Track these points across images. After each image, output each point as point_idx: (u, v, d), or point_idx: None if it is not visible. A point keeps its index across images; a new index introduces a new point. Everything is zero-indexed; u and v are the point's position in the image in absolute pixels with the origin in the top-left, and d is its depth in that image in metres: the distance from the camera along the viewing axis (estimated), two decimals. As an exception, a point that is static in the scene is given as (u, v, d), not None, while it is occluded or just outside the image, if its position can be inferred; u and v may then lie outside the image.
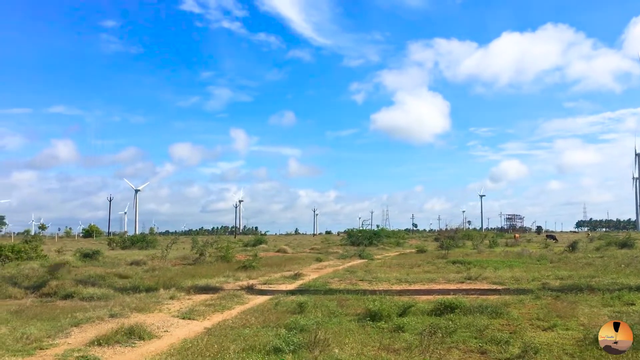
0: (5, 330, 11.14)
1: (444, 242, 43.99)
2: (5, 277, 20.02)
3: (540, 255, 33.31)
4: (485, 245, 50.58)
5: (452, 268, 25.98)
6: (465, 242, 55.38)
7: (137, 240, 63.94)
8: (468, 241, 57.22)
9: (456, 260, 29.30)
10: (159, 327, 11.88)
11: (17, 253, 29.50)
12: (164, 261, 30.61)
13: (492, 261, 28.76)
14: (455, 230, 55.86)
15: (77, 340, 10.48)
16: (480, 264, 26.65)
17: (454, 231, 53.70)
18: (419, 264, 28.94)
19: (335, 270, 27.40)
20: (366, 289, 17.53)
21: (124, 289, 18.48)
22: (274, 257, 36.90)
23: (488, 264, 26.54)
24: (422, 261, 31.01)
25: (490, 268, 24.45)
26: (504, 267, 25.48)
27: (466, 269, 24.33)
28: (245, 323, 11.97)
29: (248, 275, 23.74)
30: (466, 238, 60.08)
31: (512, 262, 28.05)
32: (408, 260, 32.61)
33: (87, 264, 28.07)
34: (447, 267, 26.55)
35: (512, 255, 34.78)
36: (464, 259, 30.01)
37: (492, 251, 42.89)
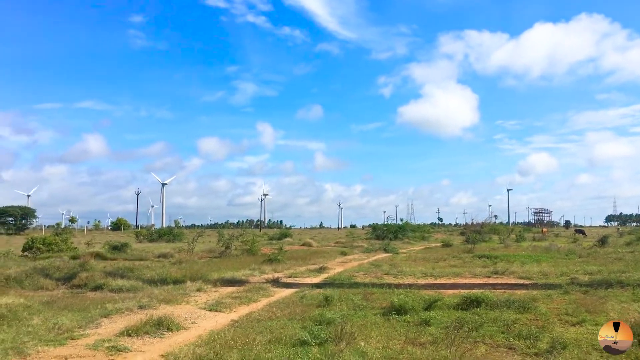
0: (38, 320, 11.41)
1: (470, 236, 43.58)
2: (37, 269, 20.45)
3: (569, 250, 32.81)
4: (512, 240, 50.03)
5: (479, 262, 25.78)
6: (491, 236, 54.81)
7: (164, 233, 64.78)
8: (494, 235, 56.64)
9: (482, 255, 29.03)
10: (186, 318, 12.04)
11: (48, 245, 30.20)
12: (191, 254, 30.98)
13: (519, 256, 28.46)
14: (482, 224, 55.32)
15: (107, 331, 10.69)
16: (507, 259, 26.38)
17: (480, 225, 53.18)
18: (445, 258, 28.78)
19: (360, 264, 27.40)
20: (391, 283, 17.51)
21: (151, 281, 18.77)
22: (299, 251, 37.03)
23: (515, 259, 26.27)
24: (447, 255, 30.81)
25: (518, 262, 24.22)
26: (532, 261, 25.20)
27: (493, 264, 24.13)
28: (272, 315, 12.06)
29: (273, 268, 23.89)
30: (492, 232, 59.46)
31: (540, 257, 27.70)
32: (433, 255, 32.45)
33: (116, 256, 28.57)
34: (473, 262, 26.35)
35: (540, 250, 34.37)
36: (490, 254, 29.72)
37: (519, 245, 42.39)
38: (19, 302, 12.69)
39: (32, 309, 12.50)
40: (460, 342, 9.09)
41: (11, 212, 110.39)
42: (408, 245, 49.11)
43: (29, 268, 20.49)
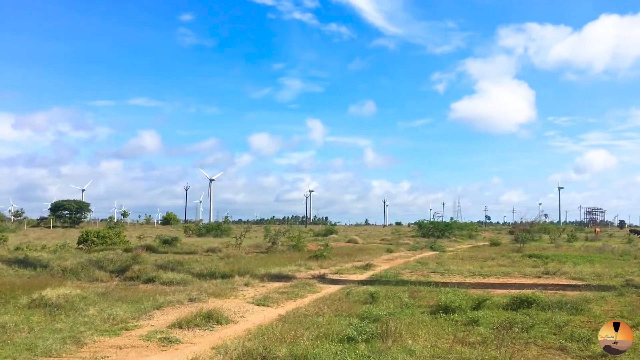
0: (94, 311, 11.82)
1: (519, 235, 42.68)
2: (92, 261, 21.17)
3: (624, 251, 31.72)
4: (564, 240, 48.78)
5: (528, 262, 25.25)
6: (541, 235, 53.56)
7: (212, 228, 65.92)
8: (545, 235, 55.35)
9: (532, 254, 28.43)
10: (235, 312, 12.25)
11: (102, 238, 31.22)
12: (238, 249, 31.48)
13: (571, 256, 27.70)
14: (531, 223, 53.97)
15: (159, 322, 10.99)
16: (558, 259, 25.75)
17: (529, 224, 51.90)
18: (493, 257, 28.30)
19: (407, 261, 27.25)
20: (438, 281, 17.33)
21: (200, 274, 19.17)
22: (344, 247, 37.10)
23: (567, 259, 25.60)
24: (496, 254, 30.30)
25: (569, 263, 23.60)
26: (584, 262, 24.51)
27: (543, 264, 23.61)
28: (318, 311, 12.14)
29: (319, 264, 24.01)
30: (543, 231, 58.08)
31: (593, 258, 26.89)
32: (481, 253, 31.96)
33: (167, 250, 29.29)
34: (523, 261, 25.84)
35: (593, 250, 33.37)
36: (540, 253, 29.08)
37: (571, 245, 41.30)
38: (75, 293, 13.16)
39: (88, 300, 12.96)
40: (511, 342, 8.94)
41: (67, 206, 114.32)
42: (455, 244, 48.56)
43: (85, 260, 21.22)
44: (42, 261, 21.16)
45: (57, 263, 20.15)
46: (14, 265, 19.86)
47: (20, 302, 12.47)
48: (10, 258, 21.86)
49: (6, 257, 22.09)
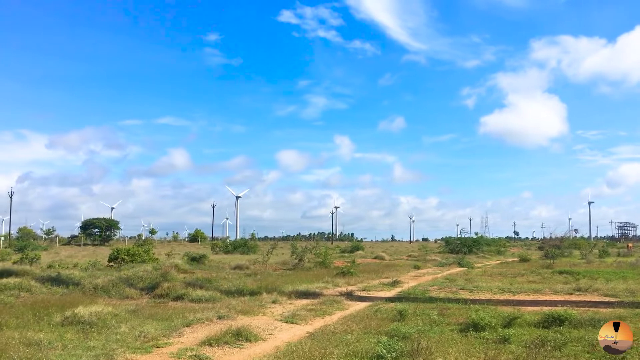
0: (125, 328, 11.99)
1: (549, 251, 41.94)
2: (122, 279, 21.46)
3: (658, 267, 30.93)
4: (595, 255, 47.69)
5: (559, 278, 24.81)
6: (572, 251, 52.47)
7: (239, 245, 66.15)
8: (575, 250, 54.22)
9: (563, 271, 27.90)
10: (263, 329, 12.31)
11: (132, 256, 31.61)
12: (265, 266, 31.57)
13: (603, 272, 27.10)
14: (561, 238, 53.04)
15: (189, 340, 11.10)
16: (590, 275, 25.22)
17: (559, 239, 51.03)
18: (523, 274, 27.86)
19: (434, 278, 27.02)
20: (467, 298, 17.16)
21: (229, 291, 19.29)
22: (371, 264, 36.95)
23: (599, 275, 25.06)
24: (525, 270, 29.81)
25: (602, 279, 23.10)
26: (617, 278, 23.95)
27: (574, 280, 23.16)
28: (347, 329, 12.12)
29: (346, 281, 23.95)
30: (573, 247, 56.92)
31: (626, 273, 26.26)
32: (510, 270, 31.48)
33: (194, 267, 29.54)
34: (554, 278, 25.39)
35: (626, 266, 32.59)
36: (571, 269, 28.51)
37: (603, 261, 40.40)
38: (107, 310, 13.37)
39: (119, 317, 13.15)
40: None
41: (97, 224, 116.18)
42: (483, 260, 47.96)
43: (115, 278, 21.52)
44: (74, 279, 21.53)
45: (89, 281, 20.51)
46: (47, 283, 20.24)
47: (53, 319, 12.72)
48: (44, 276, 22.26)
49: (39, 275, 22.51)
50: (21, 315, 12.97)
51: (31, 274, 23.02)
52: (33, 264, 30.29)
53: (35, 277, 21.33)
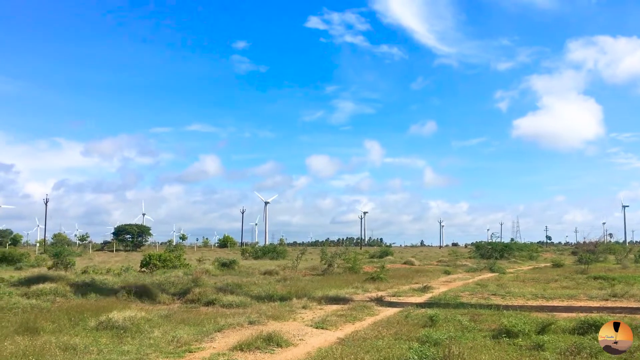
0: (158, 333, 12.16)
1: (583, 256, 41.07)
2: (154, 284, 21.76)
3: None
4: (631, 260, 46.57)
5: (594, 284, 24.31)
6: (606, 256, 51.30)
7: (268, 251, 66.56)
8: (610, 255, 53.01)
9: (598, 276, 27.35)
10: (294, 335, 12.33)
11: (164, 262, 32.07)
12: (295, 271, 31.66)
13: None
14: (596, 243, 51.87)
15: (221, 345, 11.19)
16: (626, 280, 24.67)
17: (594, 244, 49.89)
18: (556, 279, 27.41)
19: (465, 283, 26.73)
20: (499, 304, 16.93)
21: (259, 297, 19.38)
22: (401, 269, 36.74)
23: (635, 280, 24.50)
24: (559, 276, 29.32)
25: (638, 285, 22.54)
26: (655, 284, 23.35)
27: (610, 286, 22.67)
28: (378, 335, 12.07)
29: (376, 286, 23.87)
30: (608, 252, 55.64)
31: (664, 279, 25.61)
32: (543, 275, 30.99)
33: (225, 273, 29.79)
34: (588, 283, 24.90)
35: (664, 271, 31.76)
36: (606, 275, 27.94)
37: (639, 266, 39.42)
38: (140, 315, 13.56)
39: (152, 322, 13.34)
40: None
41: (129, 230, 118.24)
42: (515, 265, 47.25)
43: (148, 283, 21.83)
44: (107, 284, 21.92)
45: (122, 286, 20.82)
46: (82, 288, 20.62)
47: (88, 324, 12.96)
48: (78, 281, 22.73)
49: (74, 281, 22.98)
50: (57, 320, 13.23)
51: (66, 279, 23.51)
52: (68, 270, 30.93)
53: (70, 283, 21.77)
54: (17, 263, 42.52)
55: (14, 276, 27.26)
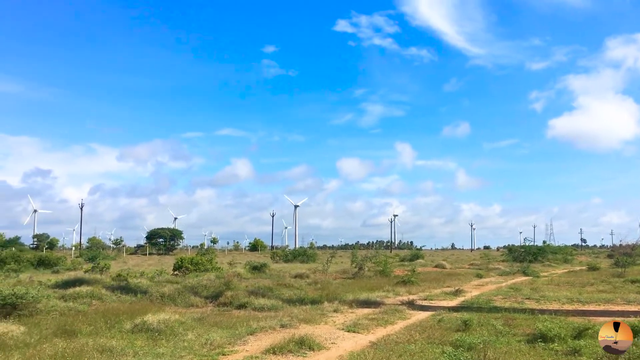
0: (192, 336, 12.32)
1: (620, 259, 40.09)
2: (187, 287, 22.02)
3: None
4: (669, 263, 45.27)
5: (631, 288, 23.75)
6: (645, 259, 49.99)
7: (299, 254, 66.73)
8: (648, 258, 51.59)
9: (635, 279, 26.68)
10: (326, 338, 12.34)
11: (196, 265, 32.46)
12: (325, 274, 31.67)
13: (681, 281, 25.73)
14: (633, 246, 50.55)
15: (253, 348, 11.28)
16: (665, 284, 24.02)
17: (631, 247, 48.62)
18: (592, 283, 26.85)
19: (498, 287, 26.38)
20: (534, 308, 16.69)
21: (290, 300, 19.47)
22: (432, 273, 36.46)
23: (675, 284, 23.83)
24: (595, 279, 28.70)
25: (678, 288, 21.94)
26: (696, 287, 22.70)
27: (648, 289, 22.10)
28: (410, 338, 12.00)
29: (408, 290, 23.73)
30: (646, 254, 54.19)
31: None
32: (579, 279, 30.37)
33: (256, 276, 29.99)
34: (625, 287, 24.33)
35: None
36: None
37: (679, 269, 38.31)
38: (174, 318, 13.75)
39: (185, 325, 13.51)
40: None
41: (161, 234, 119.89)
42: (549, 268, 46.45)
43: (181, 286, 22.12)
44: (141, 287, 22.28)
45: (156, 289, 21.18)
46: (117, 291, 21.02)
47: (124, 326, 13.19)
48: (113, 284, 23.17)
49: (109, 284, 23.44)
50: (93, 323, 13.52)
51: (102, 282, 24.00)
52: (103, 273, 31.53)
53: (105, 286, 22.22)
54: (54, 266, 43.53)
55: (51, 279, 27.95)
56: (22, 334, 11.73)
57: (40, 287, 18.68)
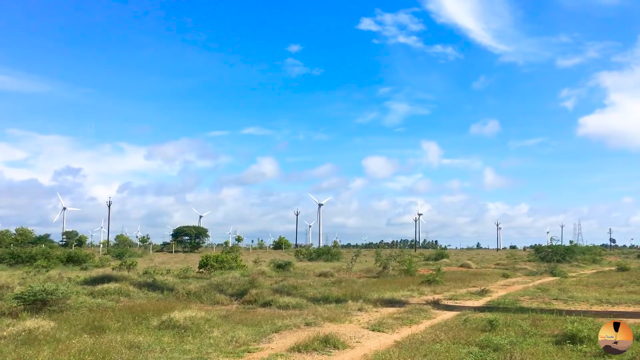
0: (218, 333, 12.44)
1: (651, 259, 39.36)
2: (212, 285, 22.23)
3: None
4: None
5: (663, 289, 23.23)
6: (676, 259, 49.00)
7: (323, 253, 66.78)
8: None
9: (667, 281, 26.12)
10: (351, 337, 12.34)
11: (221, 263, 32.74)
12: (350, 273, 31.65)
13: None
14: (664, 246, 49.70)
15: (278, 346, 11.33)
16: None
17: (662, 247, 47.84)
18: (622, 284, 26.36)
19: (525, 287, 26.06)
20: (562, 309, 16.45)
21: (314, 299, 19.50)
22: (457, 272, 36.18)
23: None
24: (624, 280, 28.17)
25: None
26: None
27: (681, 290, 21.61)
28: (435, 338, 11.92)
29: (432, 289, 23.58)
30: (678, 255, 53.10)
31: None
32: (608, 279, 29.84)
33: (280, 274, 30.13)
34: (657, 288, 23.81)
35: None
36: (677, 279, 26.64)
37: None
38: (200, 315, 13.87)
39: (211, 322, 13.62)
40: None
41: (187, 232, 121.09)
42: (577, 269, 45.73)
43: (206, 284, 22.35)
44: (168, 284, 22.55)
45: (182, 286, 21.41)
46: (144, 288, 21.32)
47: (151, 323, 13.36)
48: (140, 282, 23.48)
49: (137, 281, 23.76)
50: (121, 319, 13.72)
51: (129, 279, 24.34)
52: (130, 270, 31.99)
53: (132, 283, 22.53)
54: (83, 263, 44.30)
55: (80, 276, 28.44)
56: (52, 329, 11.94)
57: (69, 283, 19.01)
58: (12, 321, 13.12)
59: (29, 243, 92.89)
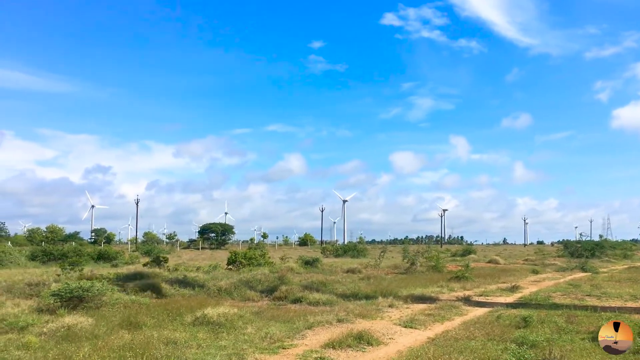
0: (251, 329, 12.56)
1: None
2: (242, 281, 22.42)
3: None
4: None
5: (699, 285, 22.76)
6: None
7: (349, 249, 66.83)
8: None
9: (703, 276, 25.57)
10: (383, 334, 12.35)
11: (249, 260, 32.95)
12: (377, 269, 31.62)
13: None
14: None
15: (312, 342, 11.41)
16: None
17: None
18: (656, 280, 25.87)
19: (556, 283, 25.75)
20: (596, 305, 16.24)
21: (344, 295, 19.56)
22: (485, 268, 35.87)
23: None
24: (659, 276, 27.65)
25: None
26: None
27: None
28: (469, 335, 11.88)
29: (462, 286, 23.47)
30: None
31: None
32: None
33: (308, 271, 30.25)
34: (692, 284, 23.33)
35: None
36: None
37: None
38: (233, 311, 14.01)
39: (244, 319, 13.75)
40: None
41: (213, 229, 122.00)
42: (608, 264, 45.00)
43: (236, 280, 22.53)
44: (198, 281, 22.81)
45: (213, 283, 21.65)
46: (175, 284, 21.59)
47: (185, 319, 13.54)
48: (172, 278, 23.80)
49: (168, 278, 24.09)
50: (156, 316, 13.93)
51: (160, 276, 24.68)
52: (161, 267, 32.42)
53: (164, 279, 22.84)
54: (113, 260, 45.00)
55: (111, 273, 28.92)
56: (90, 326, 12.19)
57: (104, 280, 19.34)
58: (50, 317, 13.42)
59: (59, 240, 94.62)
